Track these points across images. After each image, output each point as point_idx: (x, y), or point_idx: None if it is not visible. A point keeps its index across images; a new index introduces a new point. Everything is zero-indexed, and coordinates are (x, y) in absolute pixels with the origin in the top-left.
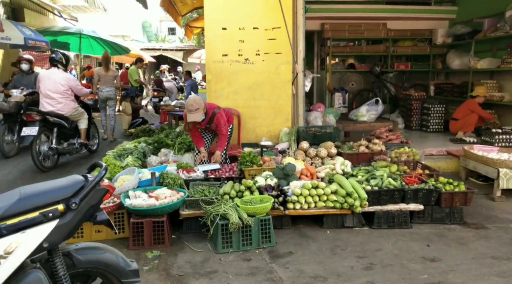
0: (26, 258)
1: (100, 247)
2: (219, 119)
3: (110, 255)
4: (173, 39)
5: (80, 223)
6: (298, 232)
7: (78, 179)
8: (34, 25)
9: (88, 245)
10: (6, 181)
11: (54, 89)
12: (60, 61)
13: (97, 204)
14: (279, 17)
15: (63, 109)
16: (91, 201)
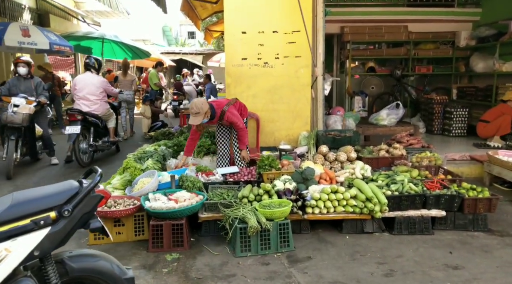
0: (18, 265)
1: (95, 254)
2: (230, 117)
3: (104, 263)
4: (192, 43)
5: (73, 230)
6: (317, 237)
7: (72, 185)
8: (59, 30)
9: (82, 252)
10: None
11: (90, 92)
12: (93, 65)
13: (91, 211)
14: (299, 20)
15: (98, 110)
16: (85, 208)
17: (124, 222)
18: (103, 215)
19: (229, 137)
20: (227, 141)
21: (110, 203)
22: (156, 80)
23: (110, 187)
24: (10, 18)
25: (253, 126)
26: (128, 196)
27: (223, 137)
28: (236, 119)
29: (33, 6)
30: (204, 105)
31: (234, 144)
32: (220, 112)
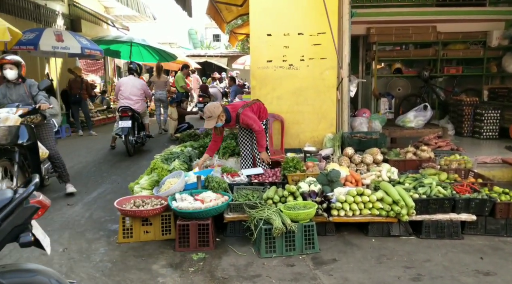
0: None
1: (31, 269)
2: (245, 120)
3: (41, 278)
4: (217, 46)
5: (1, 244)
6: (342, 239)
7: (3, 195)
8: (90, 35)
9: (18, 267)
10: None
11: (133, 92)
12: (135, 70)
13: (24, 224)
14: (324, 22)
15: (139, 108)
16: (16, 220)
17: (152, 221)
18: (132, 215)
19: (250, 139)
20: (249, 142)
21: (139, 203)
22: (182, 83)
23: (138, 187)
24: (45, 24)
25: (277, 128)
26: (156, 196)
27: (244, 139)
28: (251, 121)
29: (66, 12)
30: (216, 108)
31: (255, 146)
32: (235, 114)
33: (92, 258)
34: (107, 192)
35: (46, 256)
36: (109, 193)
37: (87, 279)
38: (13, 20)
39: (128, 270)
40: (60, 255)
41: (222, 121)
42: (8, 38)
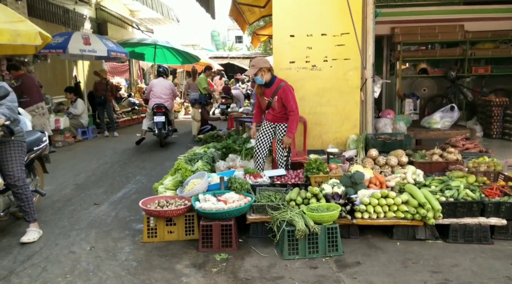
0: None
1: None
2: (286, 92)
3: None
4: (240, 47)
5: None
6: (366, 242)
7: None
8: (116, 38)
9: None
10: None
11: (163, 92)
12: (164, 72)
13: None
14: (348, 22)
15: (168, 106)
16: None
17: (176, 221)
18: (156, 215)
19: (269, 138)
20: (267, 142)
21: (163, 203)
22: (205, 85)
23: (162, 188)
24: (73, 28)
25: (300, 129)
26: (179, 196)
27: (264, 137)
28: (291, 97)
29: (93, 16)
30: (262, 61)
31: (277, 147)
32: (278, 85)
33: (118, 256)
34: (132, 192)
35: (74, 254)
36: (134, 193)
37: (113, 277)
38: (43, 25)
39: (152, 269)
40: (87, 253)
41: (262, 77)
42: (39, 42)
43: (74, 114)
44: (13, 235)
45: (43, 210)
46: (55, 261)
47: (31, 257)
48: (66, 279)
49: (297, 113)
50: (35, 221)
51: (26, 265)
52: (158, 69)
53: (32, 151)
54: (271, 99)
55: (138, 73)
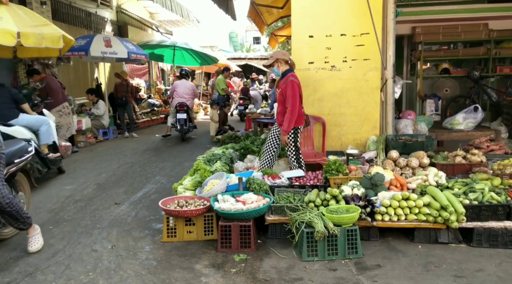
0: None
1: None
2: (287, 86)
3: None
4: (257, 48)
5: None
6: (386, 245)
7: None
8: (136, 40)
9: None
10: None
11: (185, 92)
12: (187, 74)
13: None
14: (368, 22)
15: (190, 105)
16: None
17: (195, 221)
18: (176, 214)
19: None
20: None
21: (182, 203)
22: (223, 86)
23: (181, 188)
24: (95, 30)
25: (319, 130)
26: (199, 197)
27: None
28: (290, 93)
29: (114, 18)
30: (280, 53)
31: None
32: (287, 78)
33: (138, 255)
34: (151, 192)
35: (96, 252)
36: (153, 193)
37: (134, 276)
38: (66, 28)
39: (172, 268)
40: (109, 252)
41: (279, 68)
42: (62, 45)
43: (96, 115)
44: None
45: (66, 208)
46: (78, 259)
47: (55, 254)
48: (89, 276)
49: (292, 111)
50: (31, 224)
51: (51, 262)
52: (181, 72)
53: (12, 164)
54: (278, 90)
55: (158, 74)
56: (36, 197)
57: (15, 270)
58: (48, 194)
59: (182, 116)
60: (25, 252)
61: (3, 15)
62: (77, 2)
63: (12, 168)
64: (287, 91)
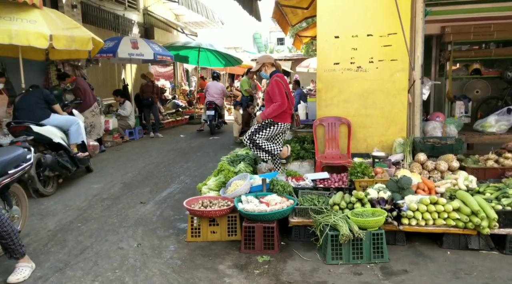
0: None
1: None
2: (272, 85)
3: None
4: (281, 49)
5: None
6: (413, 250)
7: None
8: (161, 41)
9: None
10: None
11: (216, 92)
12: (217, 76)
13: None
14: (396, 22)
15: (219, 103)
16: None
17: (219, 222)
18: (200, 214)
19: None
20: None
21: (206, 203)
22: (247, 87)
23: (205, 188)
24: (122, 32)
25: (344, 132)
26: (222, 197)
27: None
28: (277, 91)
29: (140, 21)
30: (266, 58)
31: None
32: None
33: (163, 254)
34: (176, 192)
35: (122, 250)
36: (178, 192)
37: (159, 275)
38: (96, 30)
39: (196, 268)
40: (134, 250)
41: (266, 72)
42: (91, 47)
43: (122, 116)
44: (67, 230)
45: (94, 206)
46: (105, 256)
47: (84, 251)
48: (115, 274)
49: (280, 104)
50: (24, 255)
51: (79, 258)
52: (213, 74)
53: (6, 175)
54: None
55: (182, 75)
56: (65, 195)
57: (46, 265)
58: (77, 192)
59: (211, 113)
60: (55, 248)
61: (37, 19)
62: (106, 5)
63: (5, 180)
64: (272, 90)
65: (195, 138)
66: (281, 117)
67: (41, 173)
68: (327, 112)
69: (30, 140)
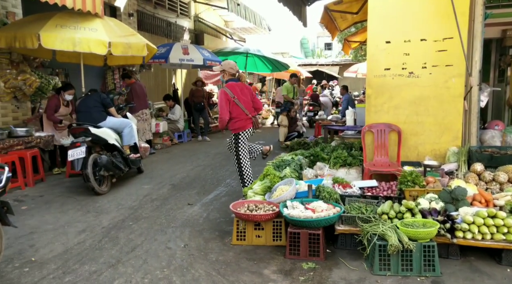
0: None
1: None
2: (219, 97)
3: None
4: (329, 54)
5: None
6: (468, 265)
7: None
8: (211, 47)
9: None
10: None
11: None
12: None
13: None
14: (451, 26)
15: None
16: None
17: (264, 226)
18: (246, 218)
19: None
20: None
21: (252, 207)
22: (285, 92)
23: (251, 192)
24: (174, 39)
25: (394, 139)
26: (268, 202)
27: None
28: (219, 102)
29: (191, 27)
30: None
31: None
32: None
33: (209, 256)
34: (222, 195)
35: (170, 250)
36: (223, 195)
37: (205, 276)
38: (149, 37)
39: (241, 271)
40: (182, 250)
41: (224, 77)
42: (145, 53)
43: (172, 119)
44: (119, 228)
45: (144, 206)
46: (154, 255)
47: (134, 249)
48: (164, 272)
49: (221, 118)
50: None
51: (130, 256)
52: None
53: None
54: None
55: None
56: (118, 194)
57: (100, 260)
58: (128, 192)
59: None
60: (109, 244)
61: (98, 27)
62: (160, 13)
63: None
64: (219, 102)
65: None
66: (239, 127)
67: (96, 173)
68: (376, 119)
69: (88, 141)
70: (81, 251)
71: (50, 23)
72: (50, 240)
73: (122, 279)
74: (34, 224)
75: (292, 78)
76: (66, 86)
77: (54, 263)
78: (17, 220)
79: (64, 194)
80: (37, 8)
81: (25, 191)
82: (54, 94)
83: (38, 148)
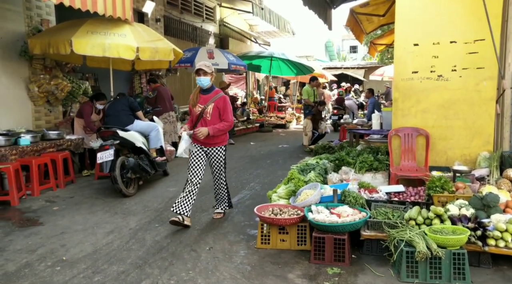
0: None
1: None
2: (226, 102)
3: None
4: (354, 57)
5: None
6: (500, 274)
7: None
8: (235, 51)
9: None
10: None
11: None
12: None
13: None
14: (483, 28)
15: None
16: None
17: (288, 230)
18: (270, 222)
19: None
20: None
21: (276, 211)
22: (305, 96)
23: (275, 196)
24: (199, 43)
25: (422, 143)
26: (292, 206)
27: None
28: (229, 108)
29: (216, 31)
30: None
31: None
32: (217, 94)
33: (233, 259)
34: (246, 198)
35: (195, 252)
36: (248, 199)
37: (230, 279)
38: (176, 42)
39: (265, 275)
40: (206, 253)
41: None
42: (172, 58)
43: None
44: (145, 230)
45: (169, 209)
46: (179, 257)
47: (160, 251)
48: (189, 274)
49: (231, 125)
50: None
51: (156, 257)
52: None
53: None
54: (206, 106)
55: (254, 84)
56: (144, 197)
57: (128, 261)
58: (154, 194)
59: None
60: (136, 246)
61: (127, 33)
62: (186, 18)
63: None
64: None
65: (265, 145)
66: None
67: (124, 175)
68: (403, 123)
69: (116, 144)
70: (109, 251)
71: (82, 29)
72: (80, 240)
73: (149, 280)
74: (65, 224)
75: (313, 82)
76: (98, 96)
77: (84, 263)
78: (49, 220)
79: (93, 196)
80: (69, 14)
81: (57, 192)
82: (87, 102)
83: (69, 150)
